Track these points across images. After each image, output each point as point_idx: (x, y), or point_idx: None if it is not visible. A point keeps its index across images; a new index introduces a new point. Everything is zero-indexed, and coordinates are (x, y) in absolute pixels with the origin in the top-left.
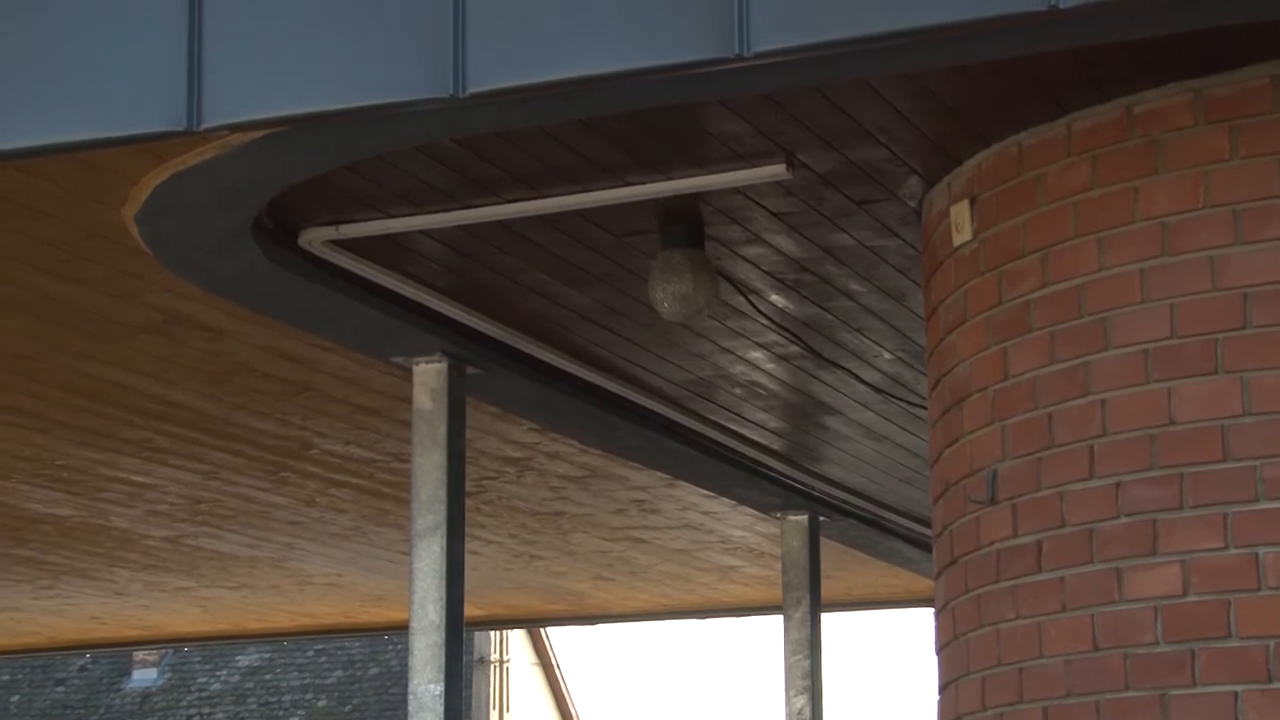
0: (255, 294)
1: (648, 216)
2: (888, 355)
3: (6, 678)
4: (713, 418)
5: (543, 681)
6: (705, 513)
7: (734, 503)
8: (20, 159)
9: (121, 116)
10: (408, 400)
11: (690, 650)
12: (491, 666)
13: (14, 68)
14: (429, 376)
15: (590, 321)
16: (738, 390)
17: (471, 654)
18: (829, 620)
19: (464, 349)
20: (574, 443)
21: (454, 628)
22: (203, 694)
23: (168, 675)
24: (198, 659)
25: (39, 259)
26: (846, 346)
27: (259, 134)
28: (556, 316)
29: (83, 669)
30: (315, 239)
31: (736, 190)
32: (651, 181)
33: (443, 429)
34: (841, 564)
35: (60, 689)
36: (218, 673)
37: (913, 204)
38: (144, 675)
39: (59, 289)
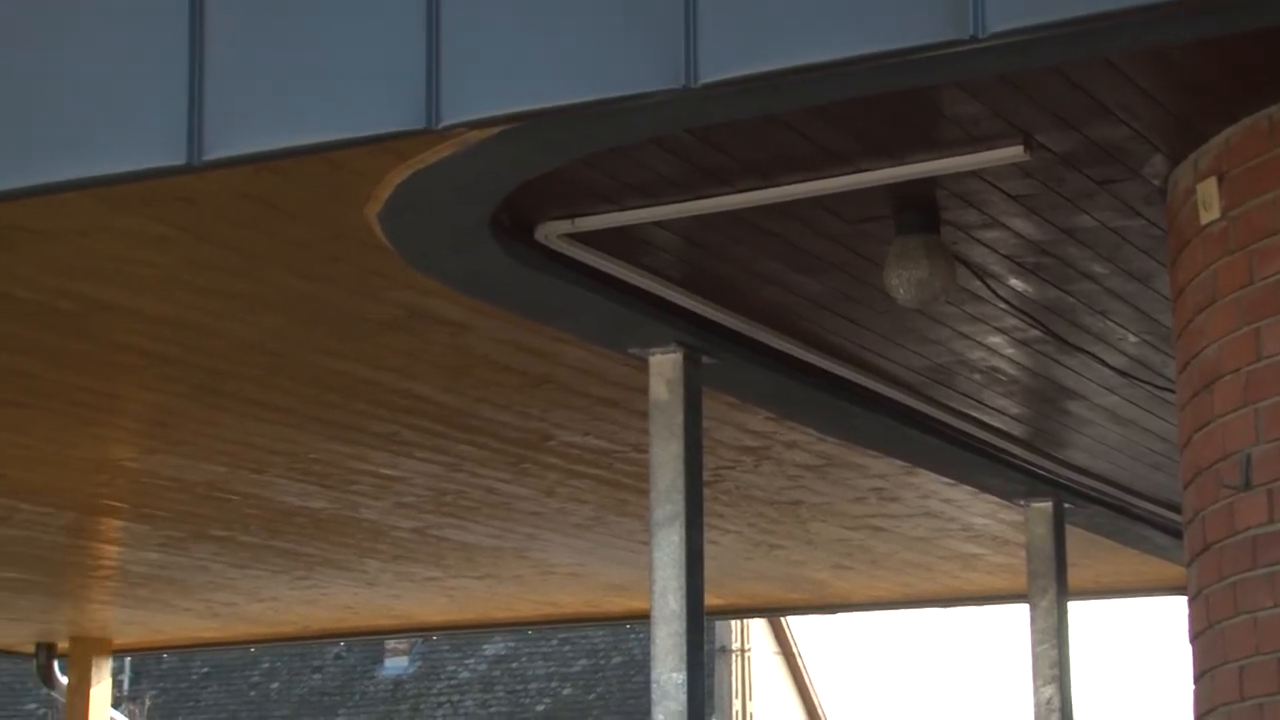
0: (493, 289)
1: (881, 202)
2: (1133, 338)
3: (266, 665)
4: (952, 404)
5: (785, 671)
6: (946, 500)
7: (975, 490)
8: (271, 161)
9: (364, 117)
10: (645, 391)
11: (934, 639)
12: (733, 656)
13: (263, 72)
14: (665, 367)
15: (825, 309)
16: (977, 376)
17: (713, 643)
18: (1077, 609)
19: (699, 339)
20: (811, 431)
21: (695, 617)
22: (452, 682)
23: (418, 663)
24: (446, 647)
25: (289, 259)
26: (1089, 330)
27: (495, 130)
28: (791, 305)
29: (338, 657)
30: (551, 233)
31: (972, 173)
32: (885, 167)
33: (679, 419)
34: (1088, 551)
35: (317, 676)
36: (466, 661)
37: (1156, 183)
38: (395, 663)
39: (308, 288)
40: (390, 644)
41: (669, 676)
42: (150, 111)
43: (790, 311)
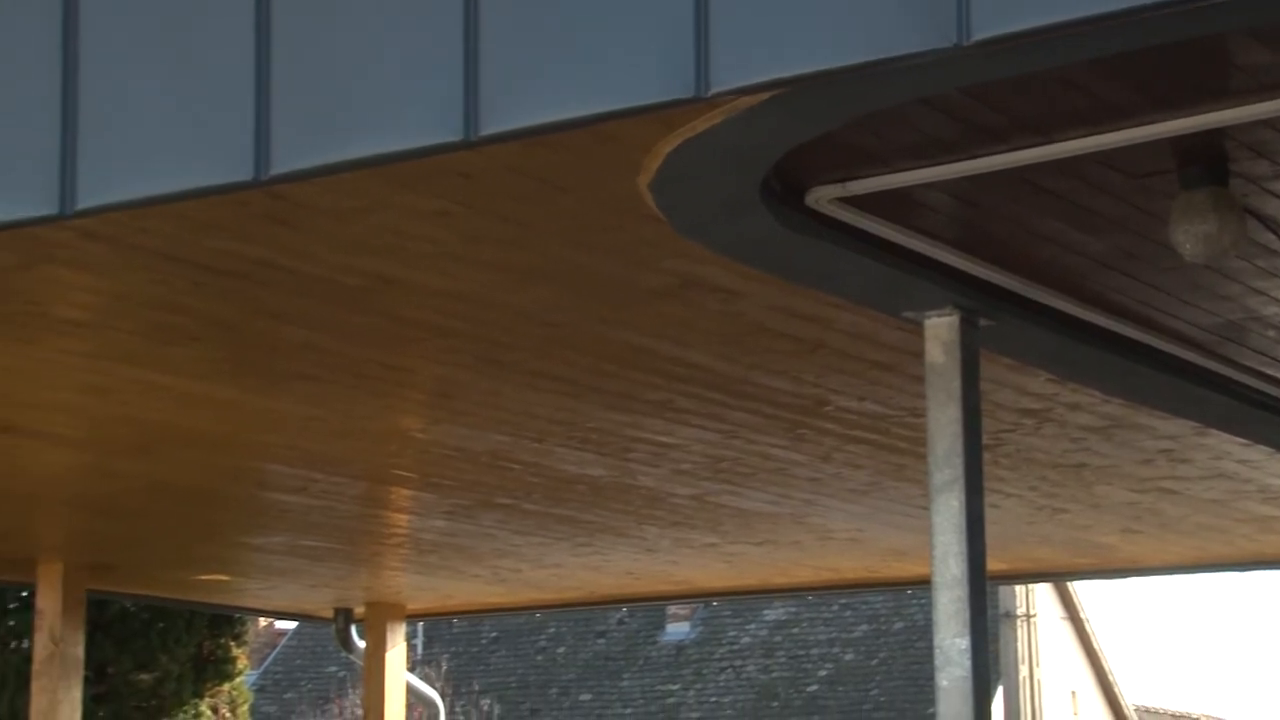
0: (765, 255)
1: (1165, 156)
2: None
3: (552, 630)
4: (1245, 363)
5: (1073, 636)
6: (1241, 461)
7: (1273, 450)
8: (543, 135)
9: (633, 87)
10: (920, 355)
11: (1230, 603)
12: (1019, 621)
13: (534, 48)
14: (941, 330)
15: (1107, 267)
16: (1271, 333)
17: (997, 608)
18: None
19: (975, 301)
20: (1094, 393)
21: (977, 582)
22: (733, 647)
23: (699, 629)
24: (727, 613)
25: (563, 231)
26: None
27: (764, 97)
28: (1071, 264)
29: (620, 622)
30: (822, 198)
31: (1264, 123)
32: (1170, 119)
33: (956, 383)
34: None
35: (601, 641)
36: (747, 626)
37: None
38: (677, 629)
39: (582, 259)
40: (672, 609)
41: (952, 642)
42: (429, 90)
43: (1070, 270)
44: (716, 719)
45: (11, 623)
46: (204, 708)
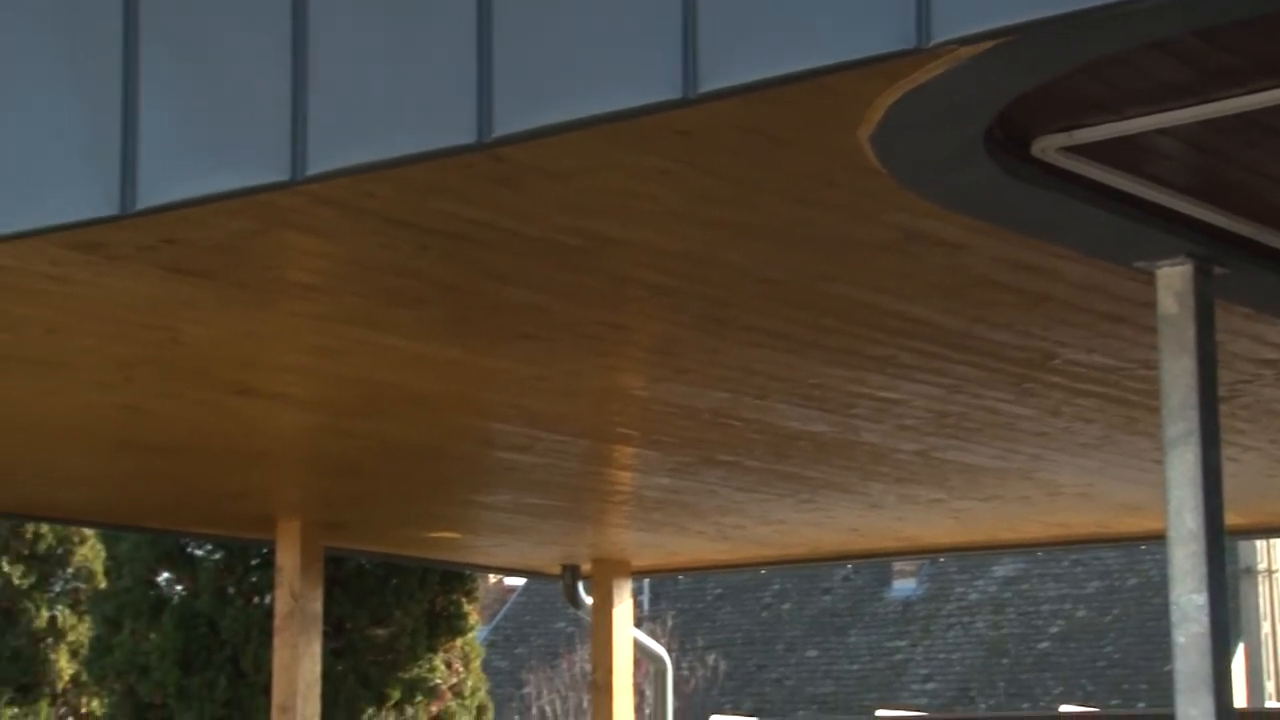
0: (990, 206)
1: None
2: None
3: (777, 587)
4: None
5: None
6: None
7: None
8: (762, 90)
9: (853, 40)
10: (1152, 306)
11: None
12: (1260, 577)
13: (753, 1)
14: (1173, 280)
15: None
16: None
17: (1236, 564)
18: None
19: (1210, 249)
20: None
21: (1214, 536)
22: (961, 603)
23: (926, 585)
24: (955, 569)
25: (783, 186)
26: None
27: (987, 45)
28: None
29: (845, 579)
30: (1048, 147)
31: None
32: None
33: (1190, 333)
34: None
35: (827, 597)
36: (975, 583)
37: None
38: (903, 585)
39: (802, 214)
40: (898, 566)
41: (1189, 598)
42: (648, 49)
43: None
44: (945, 675)
45: (254, 579)
46: (437, 662)
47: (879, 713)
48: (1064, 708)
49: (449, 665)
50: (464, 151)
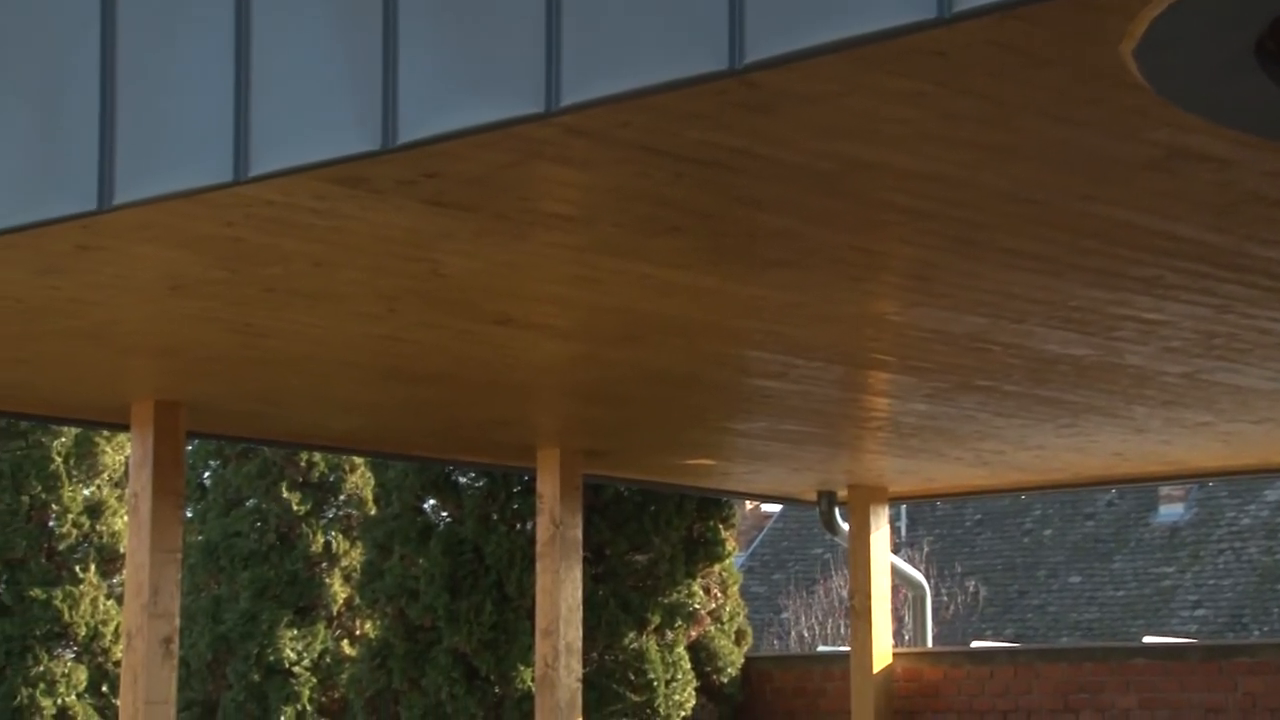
0: (1261, 120)
1: None
2: None
3: (1038, 512)
4: None
5: None
6: None
7: None
8: (1019, 8)
9: None
10: None
11: None
12: None
13: None
14: None
15: None
16: None
17: None
18: None
19: None
20: None
21: None
22: (1232, 528)
23: (1194, 510)
24: (1224, 494)
25: (1042, 105)
26: None
27: None
28: None
29: (1109, 504)
30: None
31: None
32: None
33: None
34: None
35: (1089, 523)
36: (1246, 507)
37: None
38: (1170, 510)
39: (1061, 133)
40: (1164, 491)
41: None
42: None
43: None
44: (1216, 602)
45: (516, 506)
46: (696, 588)
47: (1146, 638)
48: None
49: (707, 591)
50: (717, 78)
